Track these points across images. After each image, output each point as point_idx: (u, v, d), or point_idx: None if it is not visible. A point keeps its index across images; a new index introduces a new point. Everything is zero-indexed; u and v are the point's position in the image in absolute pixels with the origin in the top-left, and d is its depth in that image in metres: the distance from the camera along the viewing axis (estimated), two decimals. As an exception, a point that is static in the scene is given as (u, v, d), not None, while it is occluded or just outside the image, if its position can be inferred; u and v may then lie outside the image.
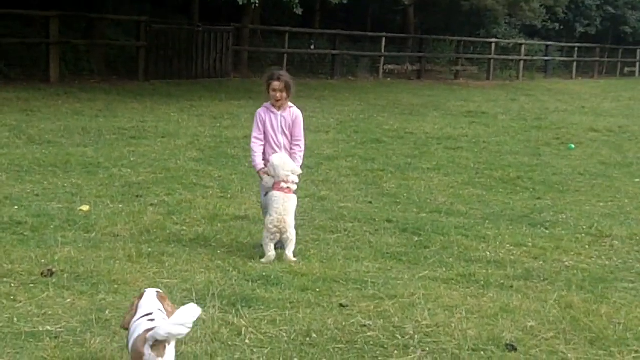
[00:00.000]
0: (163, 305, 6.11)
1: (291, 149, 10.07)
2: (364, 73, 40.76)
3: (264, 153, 9.98)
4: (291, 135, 10.08)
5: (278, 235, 9.51)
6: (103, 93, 25.84)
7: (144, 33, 30.24)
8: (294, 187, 9.75)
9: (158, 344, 5.45)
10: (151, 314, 5.85)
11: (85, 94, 25.08)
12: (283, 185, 9.60)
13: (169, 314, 5.86)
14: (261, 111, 10.08)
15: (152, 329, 5.50)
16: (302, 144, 10.14)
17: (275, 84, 9.89)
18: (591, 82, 51.55)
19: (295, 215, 9.71)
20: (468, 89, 39.43)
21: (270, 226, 9.49)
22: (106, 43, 31.09)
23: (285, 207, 9.59)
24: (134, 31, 30.96)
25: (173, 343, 5.57)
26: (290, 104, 10.08)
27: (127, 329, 5.92)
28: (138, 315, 5.89)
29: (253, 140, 10.04)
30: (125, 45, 31.74)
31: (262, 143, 10.02)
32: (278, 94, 9.90)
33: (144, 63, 30.23)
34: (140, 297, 6.16)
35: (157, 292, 6.29)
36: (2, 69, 27.17)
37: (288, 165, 9.65)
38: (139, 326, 5.69)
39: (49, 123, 18.95)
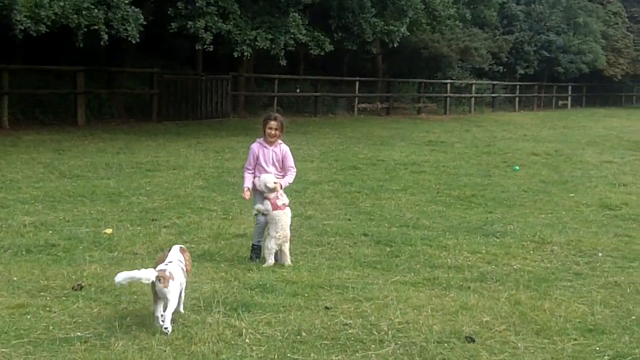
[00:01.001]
0: (183, 256, 7.73)
1: (283, 176, 10.11)
2: (342, 111, 40.76)
3: (253, 182, 10.02)
4: (283, 167, 10.15)
5: (279, 247, 9.60)
6: (123, 133, 25.78)
7: (157, 82, 30.34)
8: (287, 201, 9.86)
9: (164, 279, 7.06)
10: (171, 262, 7.46)
11: (107, 135, 25.03)
12: (278, 202, 9.65)
13: (187, 262, 7.71)
14: (254, 146, 10.11)
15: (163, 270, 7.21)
16: (294, 170, 10.29)
17: (272, 124, 10.08)
18: (531, 114, 51.64)
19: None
20: (429, 122, 39.43)
21: (279, 241, 9.68)
22: (124, 92, 31.04)
23: (285, 222, 9.81)
24: (148, 81, 30.99)
25: (177, 280, 7.18)
26: (279, 140, 10.08)
27: None
28: (165, 262, 7.44)
29: (245, 169, 10.21)
30: (140, 93, 31.68)
31: (252, 173, 10.11)
32: (274, 131, 10.08)
33: (156, 107, 30.29)
34: (169, 250, 7.78)
35: (180, 247, 7.91)
36: (38, 115, 27.17)
37: (270, 177, 9.85)
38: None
39: (77, 160, 18.87)
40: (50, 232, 11.22)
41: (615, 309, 8.17)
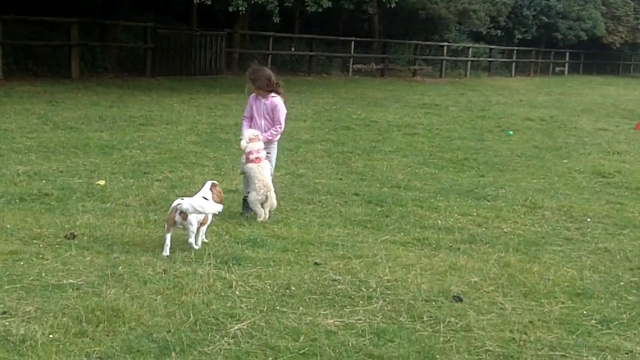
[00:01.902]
0: (212, 191, 8.53)
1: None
2: (336, 71, 40.71)
3: None
4: (273, 120, 10.18)
5: (265, 196, 9.67)
6: (116, 87, 25.77)
7: (151, 37, 30.25)
8: (262, 155, 9.90)
9: (183, 214, 8.03)
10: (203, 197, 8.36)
11: (101, 88, 25.03)
12: (251, 157, 9.76)
13: (214, 196, 8.50)
14: (251, 98, 10.20)
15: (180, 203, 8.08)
16: (279, 127, 10.23)
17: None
18: (527, 79, 51.61)
19: (275, 189, 9.79)
20: (424, 85, 39.41)
21: (260, 193, 9.67)
22: (118, 45, 31.00)
23: (262, 174, 9.80)
24: (142, 35, 30.85)
25: (195, 215, 8.08)
26: (273, 94, 10.14)
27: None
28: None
29: (244, 118, 10.38)
30: (134, 47, 31.58)
31: (249, 122, 10.24)
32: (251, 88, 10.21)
33: (150, 62, 30.23)
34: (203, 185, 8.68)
35: (212, 183, 8.73)
36: (31, 67, 27.18)
37: (249, 133, 9.92)
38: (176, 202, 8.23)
39: (70, 112, 18.90)
40: (44, 181, 11.31)
41: (604, 275, 8.27)
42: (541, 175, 14.28)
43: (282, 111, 10.24)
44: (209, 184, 8.71)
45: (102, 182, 11.36)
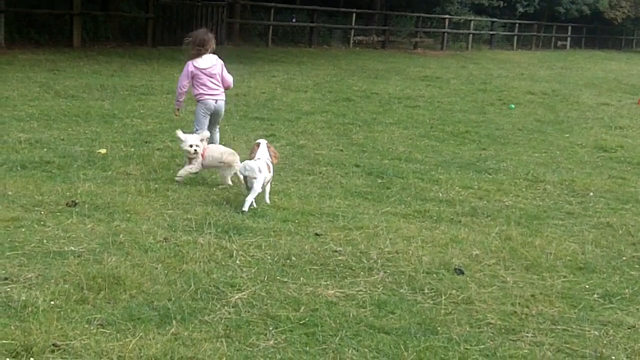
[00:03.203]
0: (268, 151, 9.26)
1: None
2: (337, 43, 40.58)
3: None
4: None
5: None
6: (117, 56, 25.70)
7: (152, 6, 30.21)
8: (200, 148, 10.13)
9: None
10: (259, 158, 9.01)
11: (102, 57, 24.95)
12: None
13: (272, 157, 9.25)
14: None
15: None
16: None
17: None
18: (529, 53, 51.46)
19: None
20: (425, 57, 39.30)
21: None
22: (120, 14, 30.90)
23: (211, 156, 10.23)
24: (144, 5, 30.81)
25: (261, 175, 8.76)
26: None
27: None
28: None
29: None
30: (136, 17, 31.49)
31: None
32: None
33: (151, 32, 30.18)
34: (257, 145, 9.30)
35: (266, 143, 9.40)
36: (34, 35, 27.12)
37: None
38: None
39: (72, 80, 18.85)
40: (45, 149, 11.27)
41: (607, 249, 8.27)
42: (543, 149, 14.26)
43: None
44: (264, 144, 9.34)
45: (103, 151, 11.34)
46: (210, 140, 10.56)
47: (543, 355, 5.57)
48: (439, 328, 5.92)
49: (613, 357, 5.61)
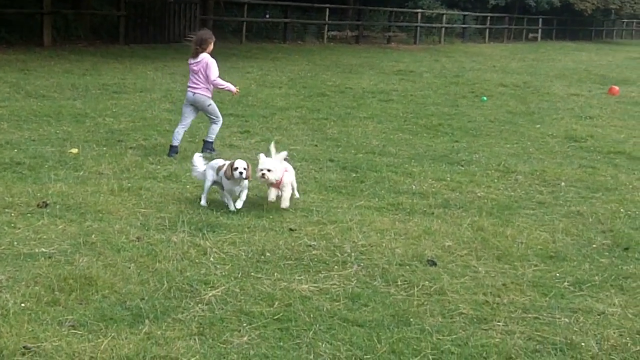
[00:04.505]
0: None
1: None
2: (311, 38, 40.55)
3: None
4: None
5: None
6: (89, 55, 25.55)
7: (124, 4, 29.91)
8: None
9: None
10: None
11: (74, 56, 24.80)
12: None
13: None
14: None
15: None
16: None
17: None
18: (501, 46, 51.57)
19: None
20: (398, 51, 39.32)
21: None
22: (91, 12, 30.65)
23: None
24: (115, 2, 30.56)
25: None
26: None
27: None
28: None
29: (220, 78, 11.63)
30: (107, 14, 31.28)
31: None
32: None
33: (124, 30, 29.98)
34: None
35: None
36: (3, 35, 26.90)
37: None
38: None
39: (43, 80, 18.73)
40: (16, 150, 11.19)
41: (577, 238, 8.33)
42: (514, 140, 14.30)
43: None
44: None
45: (74, 151, 11.27)
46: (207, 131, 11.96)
47: (514, 343, 5.59)
48: (411, 319, 5.92)
49: (583, 344, 5.63)
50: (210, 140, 11.87)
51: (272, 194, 8.72)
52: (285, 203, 8.66)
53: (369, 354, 5.36)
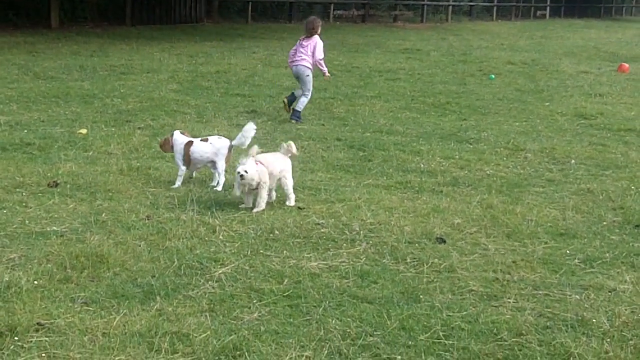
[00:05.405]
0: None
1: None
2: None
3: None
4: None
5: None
6: (96, 36, 25.59)
7: (130, -15, 29.97)
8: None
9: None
10: None
11: (81, 38, 24.86)
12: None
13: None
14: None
15: None
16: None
17: None
18: (509, 23, 51.35)
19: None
20: (405, 30, 39.23)
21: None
22: (98, -6, 30.78)
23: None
24: (121, -16, 30.65)
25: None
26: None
27: None
28: None
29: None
30: (114, -4, 31.39)
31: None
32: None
33: (130, 11, 30.06)
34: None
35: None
36: (12, 18, 26.97)
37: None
38: None
39: (51, 62, 18.81)
40: (26, 131, 11.26)
41: (587, 215, 8.33)
42: (523, 118, 14.30)
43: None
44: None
45: (83, 131, 11.32)
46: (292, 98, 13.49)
47: (525, 320, 5.60)
48: (421, 296, 5.96)
49: (594, 320, 5.66)
50: (299, 110, 13.20)
51: (249, 199, 8.16)
52: (258, 208, 8.06)
53: (379, 330, 5.39)
